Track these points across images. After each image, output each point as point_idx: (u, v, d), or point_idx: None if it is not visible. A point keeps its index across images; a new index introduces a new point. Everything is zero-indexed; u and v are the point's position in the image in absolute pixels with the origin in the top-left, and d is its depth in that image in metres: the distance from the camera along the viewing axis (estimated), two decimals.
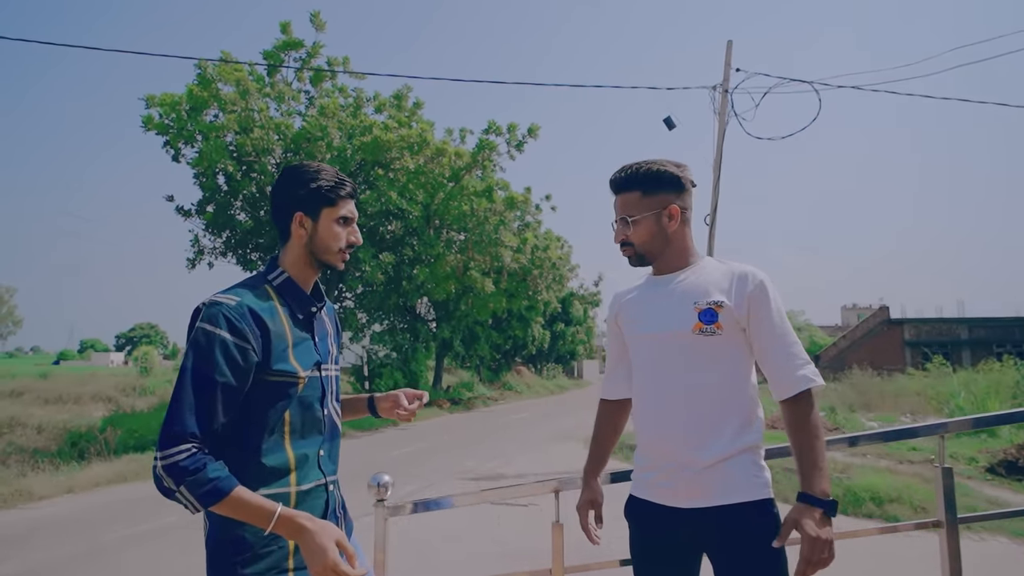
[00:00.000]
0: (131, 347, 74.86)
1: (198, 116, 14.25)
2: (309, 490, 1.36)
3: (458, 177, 15.95)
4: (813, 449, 1.40)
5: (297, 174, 1.43)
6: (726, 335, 1.47)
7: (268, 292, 1.38)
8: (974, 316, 33.48)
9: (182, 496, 1.18)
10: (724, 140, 9.97)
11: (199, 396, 1.22)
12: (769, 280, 1.51)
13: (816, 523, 1.35)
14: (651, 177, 1.56)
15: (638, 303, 1.62)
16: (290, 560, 1.30)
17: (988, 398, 11.72)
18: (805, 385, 1.44)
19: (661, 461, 1.51)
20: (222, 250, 16.07)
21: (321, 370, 1.42)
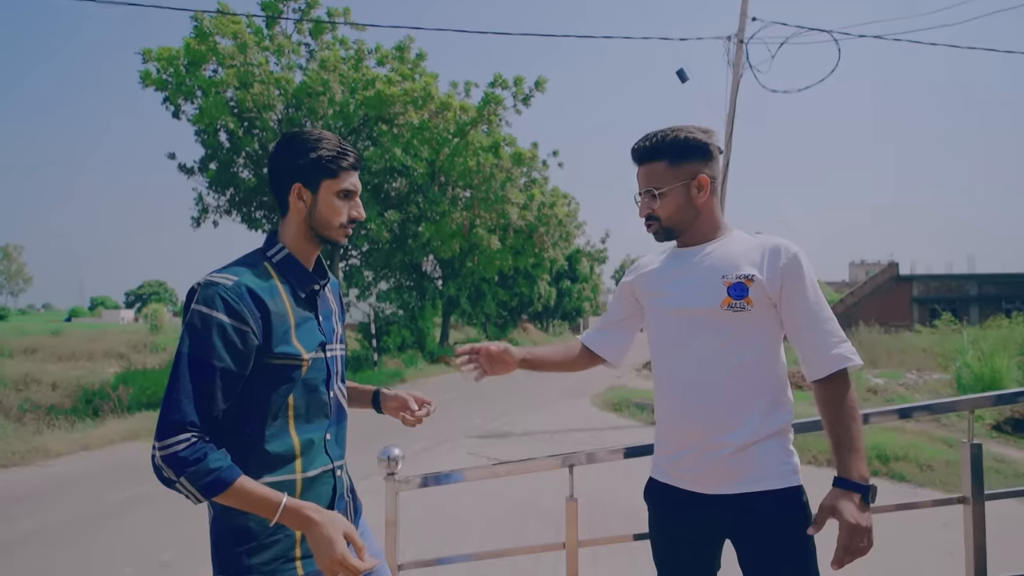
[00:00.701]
0: (141, 304, 75.57)
1: (196, 71, 13.91)
2: (315, 476, 1.31)
3: (463, 132, 15.62)
4: (849, 431, 1.33)
5: (296, 142, 1.33)
6: (756, 311, 1.39)
7: (268, 270, 1.30)
8: (984, 272, 33.14)
9: (183, 487, 1.13)
10: (738, 93, 9.67)
11: (197, 383, 1.16)
12: (803, 253, 1.42)
13: (856, 508, 1.29)
14: (678, 145, 1.45)
15: (662, 275, 1.53)
16: (297, 549, 1.26)
17: (996, 355, 11.64)
18: (841, 364, 1.36)
19: (685, 444, 1.44)
20: (226, 208, 15.94)
21: (326, 351, 1.36)
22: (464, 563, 2.06)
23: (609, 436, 8.06)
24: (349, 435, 1.49)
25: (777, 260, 1.40)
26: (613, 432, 8.35)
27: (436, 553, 3.66)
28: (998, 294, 31.36)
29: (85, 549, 4.19)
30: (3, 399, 10.83)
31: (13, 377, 15.18)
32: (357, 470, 1.96)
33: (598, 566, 3.48)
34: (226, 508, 1.22)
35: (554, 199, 20.00)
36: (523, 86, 15.58)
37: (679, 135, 1.45)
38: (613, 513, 4.51)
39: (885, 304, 33.81)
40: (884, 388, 11.85)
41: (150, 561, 3.89)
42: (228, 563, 1.24)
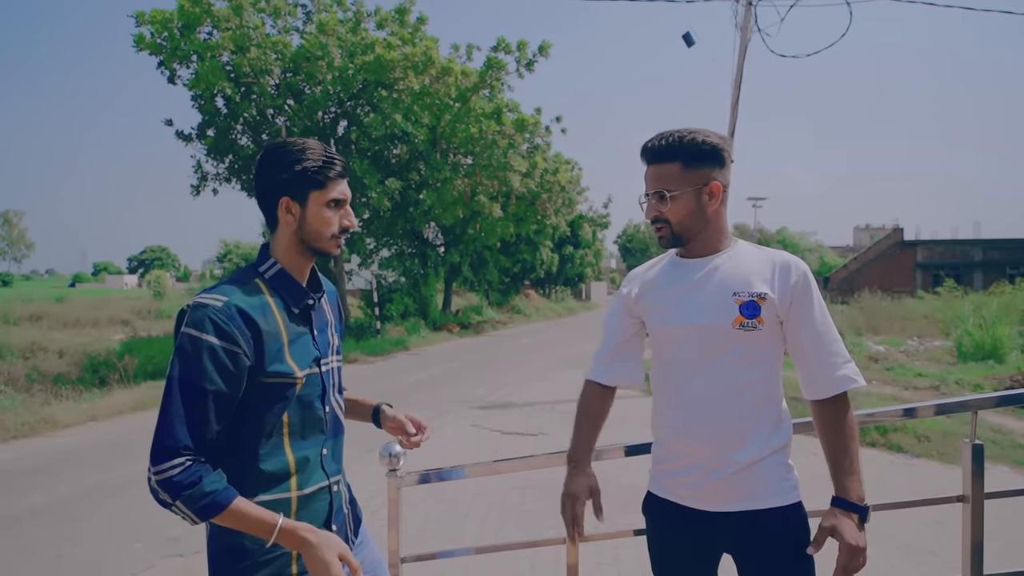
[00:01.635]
0: (143, 270, 75.80)
1: (191, 34, 13.61)
2: (312, 494, 1.31)
3: (465, 98, 15.33)
4: (848, 451, 1.34)
5: (279, 154, 1.29)
6: (766, 330, 1.36)
7: (259, 286, 1.28)
8: (989, 238, 32.93)
9: (179, 510, 1.14)
10: (747, 57, 9.42)
11: (189, 406, 1.16)
12: (809, 270, 1.42)
13: (853, 530, 1.30)
14: (694, 148, 1.39)
15: (664, 288, 1.47)
16: (293, 566, 1.26)
17: (998, 322, 11.64)
18: (846, 386, 1.36)
19: (688, 462, 1.41)
20: (225, 176, 15.80)
21: (321, 366, 1.34)
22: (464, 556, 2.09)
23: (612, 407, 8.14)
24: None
25: (788, 277, 1.38)
26: (616, 402, 8.42)
27: (436, 542, 3.73)
28: (1003, 260, 31.22)
29: (94, 523, 4.27)
30: (11, 369, 10.94)
31: (20, 345, 15.32)
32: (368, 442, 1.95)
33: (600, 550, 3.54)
34: (223, 527, 1.22)
35: (557, 165, 19.75)
36: (526, 50, 15.23)
37: (697, 138, 1.40)
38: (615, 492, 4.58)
39: (888, 269, 33.70)
40: (885, 356, 11.89)
41: (159, 536, 3.98)
42: None
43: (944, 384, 8.92)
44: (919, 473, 5.23)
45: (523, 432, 6.65)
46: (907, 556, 3.48)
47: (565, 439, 1.91)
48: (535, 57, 15.30)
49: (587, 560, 3.40)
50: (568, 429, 1.72)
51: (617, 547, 3.54)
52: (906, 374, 9.83)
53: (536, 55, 15.29)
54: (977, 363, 10.49)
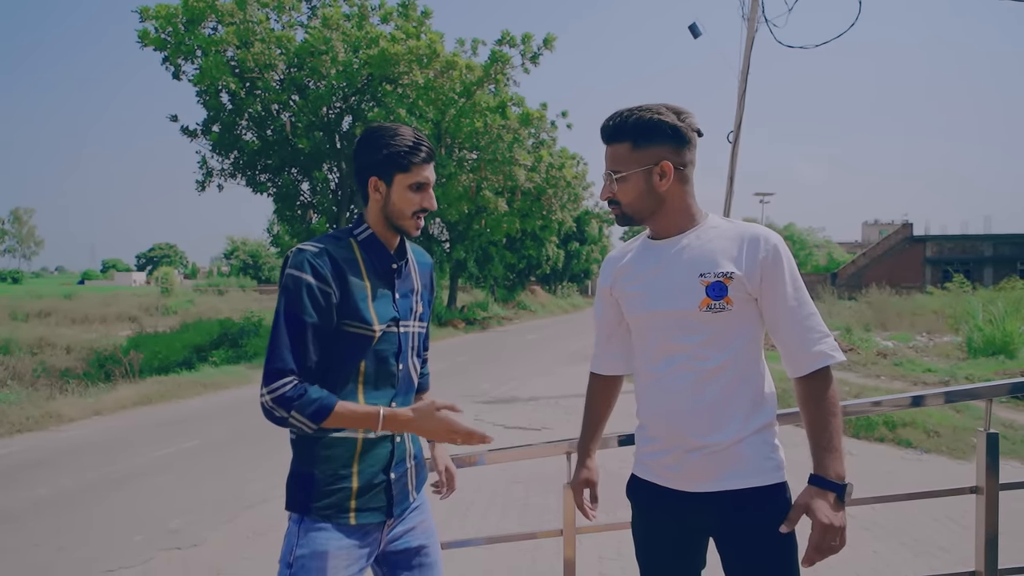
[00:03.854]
0: (152, 267, 76.23)
1: (195, 29, 13.60)
2: (376, 440, 1.44)
3: (470, 92, 15.26)
4: (827, 428, 1.29)
5: (374, 137, 1.45)
6: (737, 309, 1.33)
7: (351, 245, 1.46)
8: (999, 233, 32.58)
9: (295, 420, 1.31)
10: (754, 48, 9.31)
11: (293, 335, 1.33)
12: (782, 243, 1.36)
13: (829, 508, 1.26)
14: (643, 127, 1.36)
15: (635, 273, 1.45)
16: (352, 501, 1.41)
17: (1008, 318, 11.48)
18: (822, 362, 1.31)
19: (667, 444, 1.40)
20: (231, 171, 15.81)
21: (399, 326, 1.48)
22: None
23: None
24: None
25: (756, 252, 1.33)
26: (620, 396, 8.37)
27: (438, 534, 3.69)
28: (1013, 255, 30.89)
29: (96, 516, 4.26)
30: (18, 364, 10.99)
31: (28, 341, 15.42)
32: None
33: (602, 542, 3.49)
34: (300, 456, 1.41)
35: (563, 160, 19.66)
36: (531, 44, 15.14)
37: (645, 115, 1.36)
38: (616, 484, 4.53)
39: (897, 265, 33.42)
40: (893, 351, 11.75)
41: (159, 528, 3.96)
42: (297, 501, 1.41)
43: (954, 379, 8.79)
44: (929, 468, 5.15)
45: (526, 427, 6.60)
46: (917, 552, 3.41)
47: (569, 433, 1.86)
48: (540, 50, 15.22)
49: (590, 553, 3.35)
50: (572, 423, 1.68)
51: (620, 540, 3.49)
52: (915, 369, 9.70)
53: (541, 48, 15.20)
54: (987, 358, 10.35)
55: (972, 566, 1.73)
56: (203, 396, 8.98)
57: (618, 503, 4.37)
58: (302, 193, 16.54)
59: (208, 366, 11.78)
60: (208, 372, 10.67)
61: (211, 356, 13.18)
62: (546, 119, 17.38)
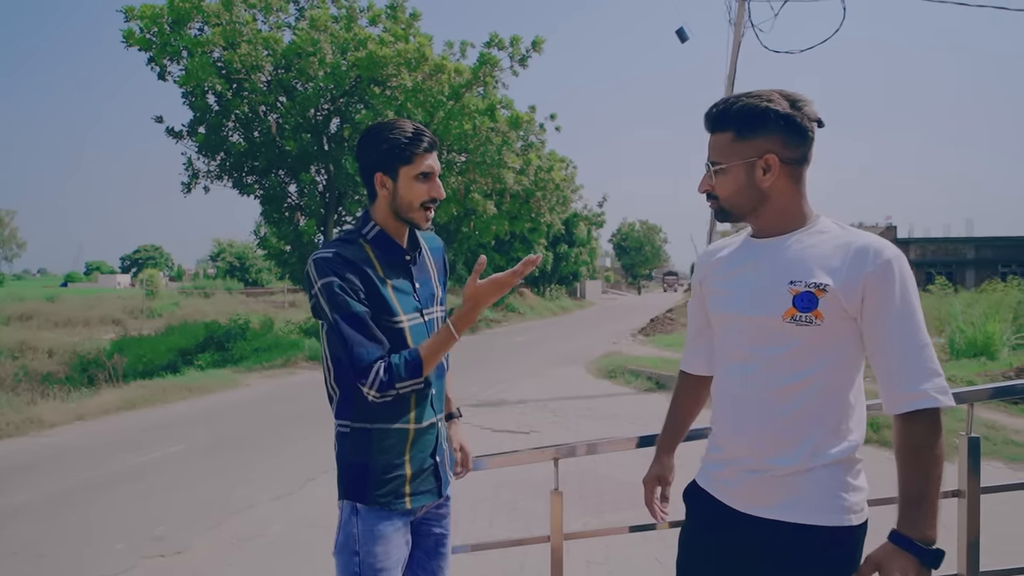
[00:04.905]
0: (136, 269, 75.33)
1: (181, 29, 13.47)
2: (426, 427, 1.50)
3: (458, 95, 15.24)
4: (921, 482, 1.13)
5: (374, 133, 1.47)
6: (827, 326, 1.18)
7: (362, 246, 1.48)
8: (981, 236, 33.08)
9: (406, 389, 1.40)
10: (740, 53, 9.39)
11: (356, 329, 1.38)
12: (901, 260, 1.18)
13: (904, 571, 1.11)
14: (748, 115, 1.23)
15: (727, 272, 1.34)
16: (407, 486, 1.47)
17: (988, 320, 11.67)
18: (923, 404, 1.13)
19: (729, 455, 1.31)
20: (217, 173, 15.65)
21: (424, 315, 1.52)
22: None
23: (602, 404, 8.09)
24: None
25: (861, 267, 1.17)
26: (607, 399, 8.38)
27: None
28: (995, 257, 31.36)
29: (77, 523, 4.20)
30: None
31: (8, 345, 15.17)
32: None
33: (591, 548, 3.48)
34: (353, 448, 1.46)
35: (551, 163, 19.68)
36: (520, 46, 15.15)
37: (751, 103, 1.23)
38: (610, 490, 4.53)
39: None
40: None
41: (142, 536, 3.90)
42: (355, 489, 1.45)
43: None
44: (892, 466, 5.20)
45: (514, 430, 6.59)
46: None
47: (557, 437, 1.86)
48: (528, 52, 15.23)
49: (578, 558, 3.35)
50: (561, 427, 1.69)
51: (608, 544, 3.49)
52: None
53: (530, 50, 15.22)
54: (969, 360, 10.49)
55: (955, 569, 1.75)
56: (188, 400, 8.88)
57: (607, 508, 4.34)
58: (289, 195, 16.42)
59: (194, 370, 11.66)
60: (193, 376, 10.56)
61: (197, 359, 13.05)
62: (535, 122, 17.39)
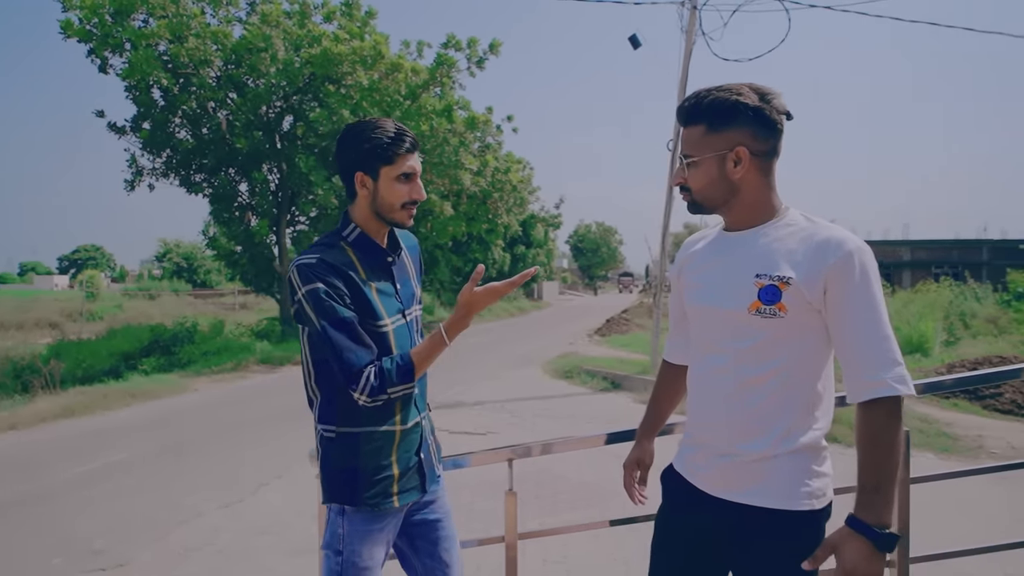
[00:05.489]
0: (76, 270, 71.80)
1: (124, 21, 12.94)
2: (411, 427, 1.52)
3: (415, 95, 15.12)
4: (880, 468, 1.16)
5: (355, 133, 1.47)
6: (792, 319, 1.21)
7: (344, 249, 1.48)
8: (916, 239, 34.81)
9: (397, 393, 1.41)
10: (691, 61, 9.62)
11: (345, 335, 1.39)
12: (863, 252, 1.20)
13: (858, 554, 1.14)
14: (719, 108, 1.25)
15: (700, 265, 1.38)
16: (394, 486, 1.50)
17: (922, 318, 12.31)
18: (881, 392, 1.16)
19: (702, 443, 1.36)
20: (163, 171, 15.09)
21: (406, 316, 1.54)
22: None
23: (559, 404, 8.17)
24: None
25: (824, 260, 1.20)
26: (563, 400, 8.46)
27: None
28: (929, 259, 33.02)
29: (11, 538, 3.98)
30: None
31: None
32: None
33: (547, 547, 3.52)
34: (340, 453, 1.46)
35: (508, 164, 19.74)
36: (477, 48, 15.15)
37: (722, 96, 1.25)
38: (567, 490, 4.57)
39: None
40: None
41: (81, 549, 3.74)
42: (343, 494, 1.47)
43: None
44: (851, 462, 5.45)
45: (472, 431, 6.59)
46: None
47: (515, 437, 1.88)
48: (486, 55, 15.25)
49: (534, 558, 3.38)
50: (518, 428, 1.71)
51: (565, 543, 3.53)
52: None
53: (487, 53, 15.24)
54: (906, 357, 11.00)
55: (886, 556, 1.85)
56: (132, 407, 8.53)
57: (562, 508, 4.38)
58: (240, 194, 15.98)
59: (138, 375, 11.20)
60: (138, 381, 10.15)
61: (141, 364, 12.54)
62: (492, 123, 17.40)
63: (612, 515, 2.07)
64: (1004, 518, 3.96)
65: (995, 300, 16.48)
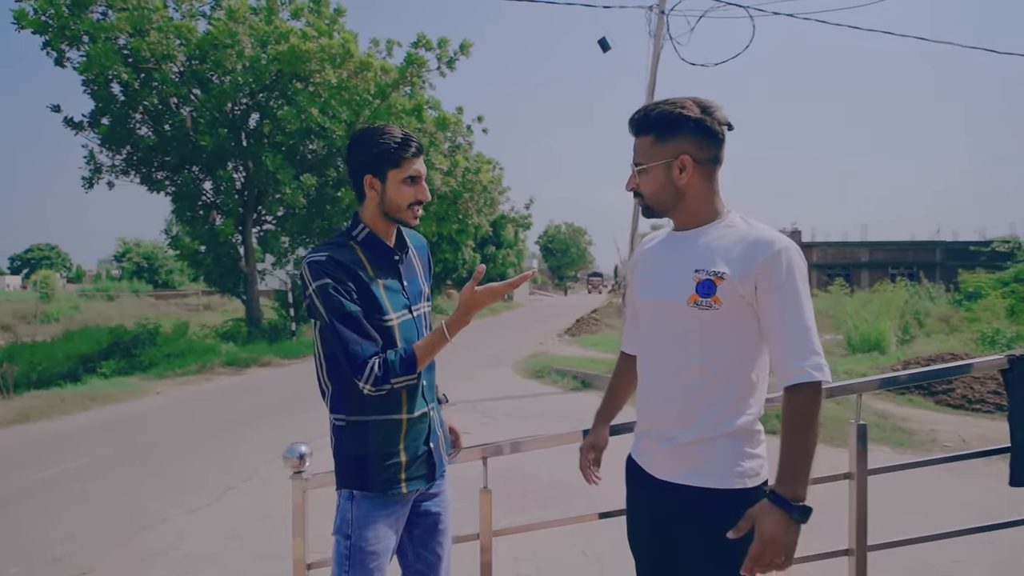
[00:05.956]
0: (29, 270, 69.13)
1: (82, 13, 12.53)
2: (418, 417, 1.59)
3: (385, 94, 15.00)
4: (797, 448, 1.27)
5: (364, 137, 1.55)
6: (726, 311, 1.33)
7: (353, 247, 1.56)
8: (874, 240, 35.94)
9: (398, 383, 1.48)
10: (659, 64, 9.78)
11: (351, 328, 1.46)
12: (790, 251, 1.32)
13: (775, 525, 1.25)
14: (665, 120, 1.37)
15: (650, 262, 1.51)
16: (402, 472, 1.56)
17: (879, 318, 12.73)
18: (802, 379, 1.27)
19: (648, 429, 1.48)
20: (122, 168, 14.66)
21: (413, 311, 1.61)
22: None
23: (530, 403, 8.21)
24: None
25: (755, 257, 1.31)
26: (534, 399, 8.51)
27: None
28: (886, 260, 34.12)
29: None
30: None
31: None
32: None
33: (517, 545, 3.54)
34: (351, 440, 1.54)
35: (479, 165, 19.73)
36: (448, 48, 15.11)
37: (667, 109, 1.37)
38: (534, 488, 4.61)
39: None
40: None
41: (40, 558, 3.62)
42: (354, 479, 1.54)
43: (835, 374, 9.60)
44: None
45: None
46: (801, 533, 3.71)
47: (486, 437, 1.91)
48: (456, 55, 15.21)
49: (505, 555, 3.40)
50: (490, 427, 1.74)
51: (534, 540, 3.56)
52: None
53: (457, 53, 15.21)
54: (864, 355, 11.39)
55: (845, 544, 1.93)
56: (91, 411, 8.28)
57: (533, 505, 4.41)
58: (204, 192, 15.62)
59: (97, 378, 10.87)
60: (97, 384, 9.84)
61: (100, 367, 12.17)
62: (462, 123, 17.38)
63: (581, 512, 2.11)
64: (953, 506, 4.14)
65: (947, 300, 17.16)
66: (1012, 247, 19.26)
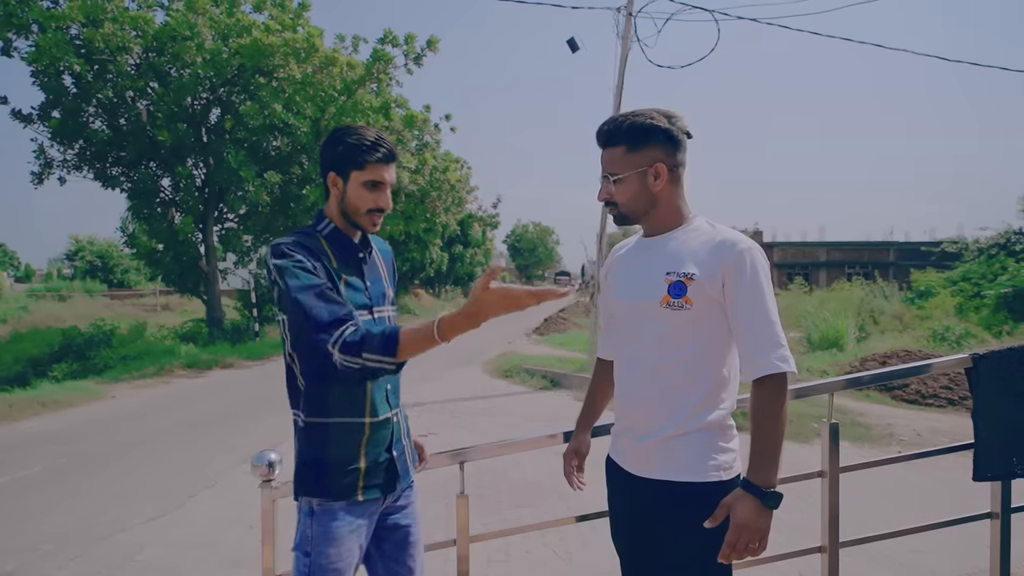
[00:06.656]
0: None
1: (32, 0, 12.01)
2: (381, 422, 1.54)
3: (351, 91, 14.77)
4: (766, 437, 1.34)
5: (335, 135, 1.52)
6: (696, 310, 1.39)
7: (318, 240, 1.52)
8: (832, 240, 37.02)
9: (371, 360, 1.31)
10: (626, 66, 9.86)
11: (318, 295, 1.37)
12: (753, 250, 1.40)
13: (749, 511, 1.32)
14: (636, 131, 1.43)
15: (621, 267, 1.57)
16: (360, 480, 1.51)
17: (837, 316, 13.12)
18: (767, 371, 1.34)
19: (625, 427, 1.52)
20: (75, 163, 14.10)
21: (374, 313, 1.55)
22: None
23: (500, 403, 8.19)
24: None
25: (720, 258, 1.38)
26: (504, 399, 8.49)
27: None
28: (843, 259, 35.19)
29: None
30: None
31: None
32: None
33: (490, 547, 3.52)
34: (310, 442, 1.48)
35: (446, 164, 19.62)
36: (415, 44, 14.97)
37: (638, 120, 1.43)
38: (506, 489, 4.59)
39: None
40: None
41: None
42: (308, 487, 1.49)
43: (801, 368, 9.88)
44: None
45: (414, 433, 6.51)
46: (776, 529, 3.78)
47: (457, 438, 1.88)
48: (423, 51, 15.09)
49: (479, 557, 3.37)
50: (461, 428, 1.71)
51: (508, 542, 3.55)
52: None
53: (425, 49, 15.08)
54: (823, 352, 11.72)
55: (819, 541, 1.96)
56: (42, 416, 7.93)
57: (506, 507, 4.39)
58: (162, 189, 15.14)
59: (48, 382, 10.43)
60: (48, 389, 9.44)
61: (52, 370, 11.69)
62: (430, 122, 17.25)
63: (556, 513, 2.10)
64: (913, 498, 4.28)
65: (901, 298, 17.79)
66: (960, 248, 20.08)
